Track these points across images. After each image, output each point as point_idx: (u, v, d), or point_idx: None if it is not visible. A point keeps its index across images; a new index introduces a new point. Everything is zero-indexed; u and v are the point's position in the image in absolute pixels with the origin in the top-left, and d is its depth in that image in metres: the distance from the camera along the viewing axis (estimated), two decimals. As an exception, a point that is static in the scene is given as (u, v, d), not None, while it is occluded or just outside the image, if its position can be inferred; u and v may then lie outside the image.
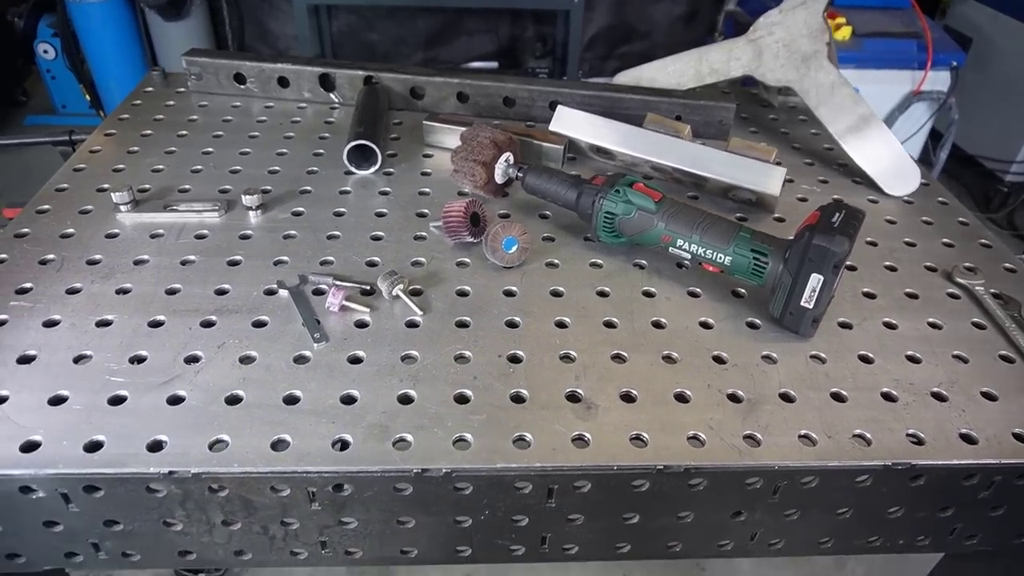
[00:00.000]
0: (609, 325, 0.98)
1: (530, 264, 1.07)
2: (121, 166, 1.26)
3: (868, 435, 0.84)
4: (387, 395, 0.85)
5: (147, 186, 1.20)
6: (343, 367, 0.88)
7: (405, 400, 0.85)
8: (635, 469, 0.79)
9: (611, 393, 0.87)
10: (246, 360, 0.89)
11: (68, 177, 1.22)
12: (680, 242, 1.02)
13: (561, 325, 0.97)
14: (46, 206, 1.15)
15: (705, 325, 0.99)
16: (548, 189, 1.13)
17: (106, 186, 1.19)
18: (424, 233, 1.13)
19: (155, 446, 0.78)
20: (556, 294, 1.03)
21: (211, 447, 0.78)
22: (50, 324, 0.92)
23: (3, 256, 1.03)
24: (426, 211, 1.18)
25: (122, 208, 1.12)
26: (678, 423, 0.84)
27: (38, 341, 0.90)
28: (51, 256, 1.04)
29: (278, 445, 0.79)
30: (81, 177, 1.22)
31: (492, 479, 0.79)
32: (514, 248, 1.05)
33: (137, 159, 1.28)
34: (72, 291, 0.98)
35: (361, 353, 0.90)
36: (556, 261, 1.09)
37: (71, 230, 1.10)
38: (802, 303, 0.94)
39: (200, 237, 1.10)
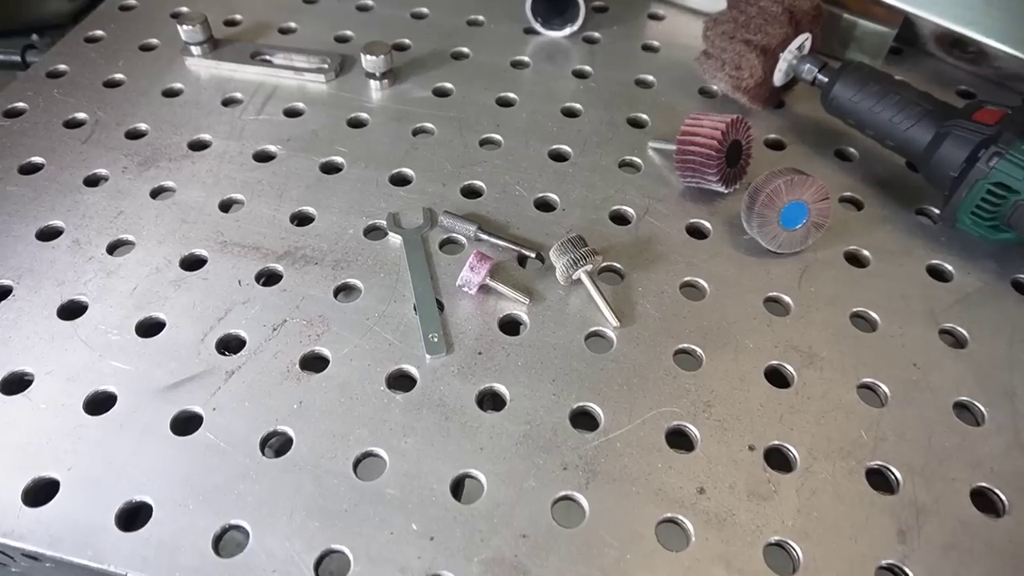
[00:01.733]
0: (966, 414, 0.51)
1: (817, 250, 0.61)
2: (212, -19, 0.88)
3: None
4: (538, 494, 0.46)
5: (237, 17, 0.82)
6: (467, 413, 0.50)
7: (570, 512, 0.46)
8: None
9: (974, 589, 0.43)
10: (312, 363, 0.53)
11: (142, -11, 0.86)
12: None
13: (868, 392, 0.52)
14: (99, 32, 0.80)
15: None
16: (876, 114, 0.62)
17: (185, 9, 0.82)
18: (637, 159, 0.68)
19: (134, 515, 0.45)
20: (863, 323, 0.56)
21: (217, 541, 0.44)
22: (47, 235, 0.60)
23: (21, 105, 0.71)
24: (644, 117, 0.72)
25: (193, 50, 0.75)
26: None
27: (23, 263, 0.58)
28: (83, 115, 0.70)
29: (327, 565, 0.43)
30: (159, -9, 0.86)
31: None
32: (802, 224, 0.58)
33: (236, -28, 0.89)
34: (92, 180, 0.64)
35: (502, 389, 0.51)
36: (865, 252, 0.61)
37: (120, 75, 0.75)
38: None
39: (292, 114, 0.72)
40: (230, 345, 0.53)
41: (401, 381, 0.52)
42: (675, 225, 0.62)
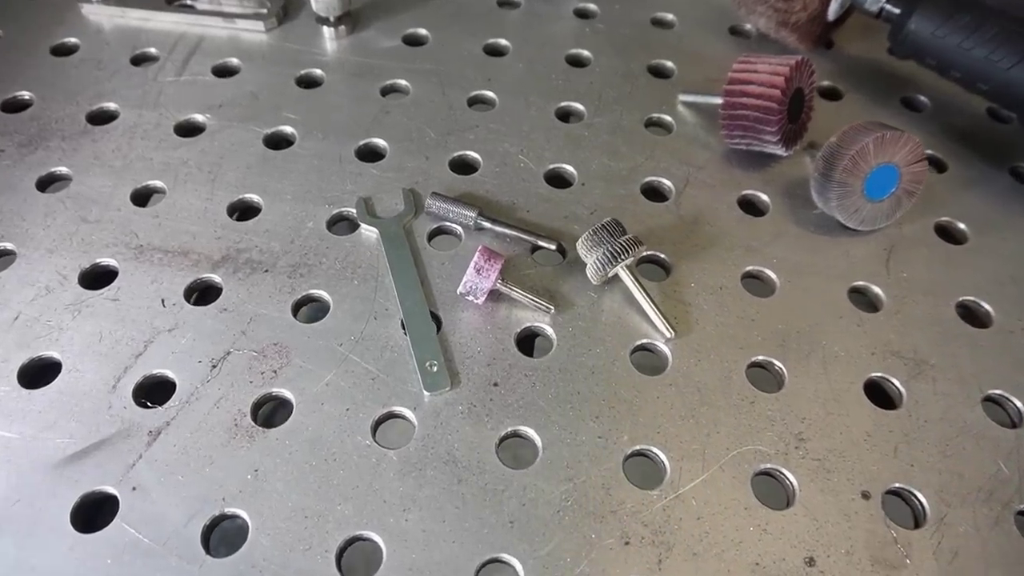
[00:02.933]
0: (1120, 430, 0.40)
1: (902, 224, 0.49)
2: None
3: None
4: (592, 587, 0.34)
5: (147, -48, 0.65)
6: (487, 470, 0.37)
7: (637, 611, 0.34)
8: None
9: None
10: (268, 409, 0.39)
11: (22, -79, 0.68)
12: None
13: (996, 408, 0.41)
14: (-34, -26, 0.62)
15: None
16: (967, 51, 0.50)
17: (79, -55, 0.65)
18: (666, 116, 0.55)
19: (19, 659, 0.32)
20: (973, 317, 0.45)
21: None
22: None
23: None
24: (669, 65, 0.59)
25: (90, -7, 0.59)
26: None
27: None
28: (-57, 82, 0.54)
29: None
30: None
31: None
32: (890, 193, 0.46)
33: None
34: (-43, 169, 0.49)
35: (530, 433, 0.38)
36: (960, 225, 0.49)
37: (-6, 29, 0.58)
38: None
39: (224, 73, 0.56)
40: (154, 393, 0.39)
41: (393, 430, 0.39)
42: (724, 199, 0.49)
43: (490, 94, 0.55)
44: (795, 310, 0.44)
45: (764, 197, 0.49)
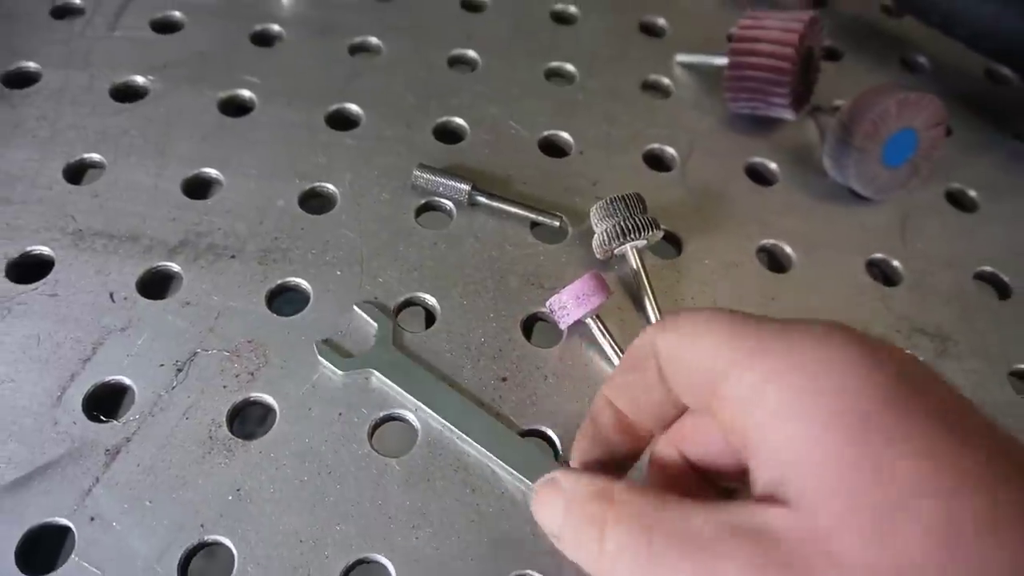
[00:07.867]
0: None
1: (913, 192, 0.46)
2: None
3: None
4: (630, 602, 0.30)
5: None
6: (503, 478, 0.33)
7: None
8: None
9: None
10: (247, 417, 0.34)
11: None
12: None
13: (1022, 382, 0.39)
14: None
15: None
16: (977, 5, 0.47)
17: None
18: (663, 78, 0.51)
19: None
20: (991, 288, 0.43)
21: None
22: None
23: None
24: (661, 23, 0.54)
25: (-2, -67, 0.50)
26: None
27: None
28: None
29: None
30: None
31: None
32: (907, 159, 0.43)
33: None
34: None
35: (549, 433, 0.34)
36: (971, 192, 0.47)
37: None
38: None
39: (166, 28, 0.49)
40: (109, 404, 0.33)
41: (394, 435, 0.34)
42: (732, 167, 0.46)
43: (472, 53, 0.50)
44: (815, 286, 0.41)
45: (772, 165, 0.46)
